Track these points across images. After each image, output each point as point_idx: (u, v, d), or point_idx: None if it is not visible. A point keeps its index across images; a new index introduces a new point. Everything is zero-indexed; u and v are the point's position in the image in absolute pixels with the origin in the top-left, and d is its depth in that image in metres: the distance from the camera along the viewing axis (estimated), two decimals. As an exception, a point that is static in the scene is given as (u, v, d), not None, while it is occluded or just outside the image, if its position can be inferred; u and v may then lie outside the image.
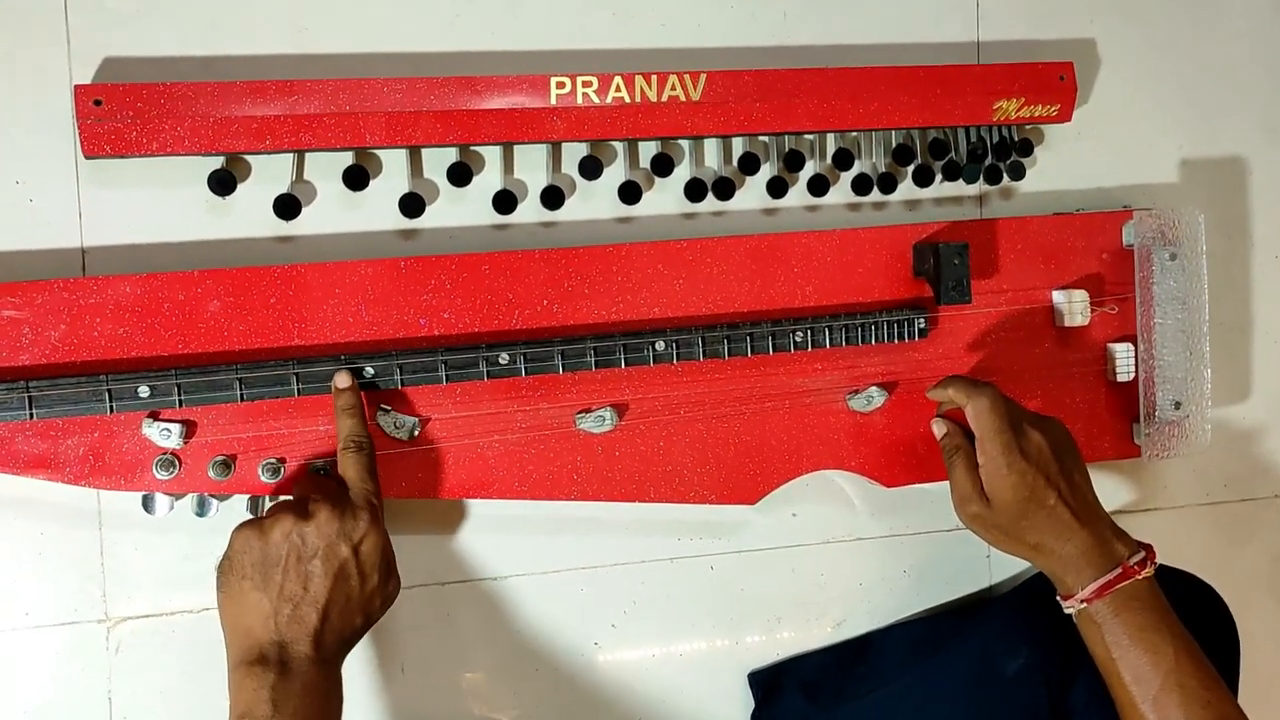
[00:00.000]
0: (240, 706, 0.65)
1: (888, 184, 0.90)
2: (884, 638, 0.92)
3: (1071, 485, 0.78)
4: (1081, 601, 0.75)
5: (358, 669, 0.82)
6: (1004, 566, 0.96)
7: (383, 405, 0.76)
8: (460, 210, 0.82)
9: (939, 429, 0.82)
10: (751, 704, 0.90)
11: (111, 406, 0.70)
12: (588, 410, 0.80)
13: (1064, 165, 0.96)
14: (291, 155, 0.78)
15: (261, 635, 0.66)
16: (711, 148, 0.87)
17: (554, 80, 0.79)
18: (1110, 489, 0.98)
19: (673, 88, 0.82)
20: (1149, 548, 0.77)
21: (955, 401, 0.80)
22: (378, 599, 0.70)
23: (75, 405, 0.69)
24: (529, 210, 0.83)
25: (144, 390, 0.70)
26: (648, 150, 0.85)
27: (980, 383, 0.80)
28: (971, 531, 0.80)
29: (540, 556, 0.85)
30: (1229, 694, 0.73)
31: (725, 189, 0.86)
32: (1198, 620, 0.76)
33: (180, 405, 0.71)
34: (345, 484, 0.71)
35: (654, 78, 0.81)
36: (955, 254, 0.84)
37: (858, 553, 0.93)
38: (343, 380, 0.73)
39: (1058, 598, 0.78)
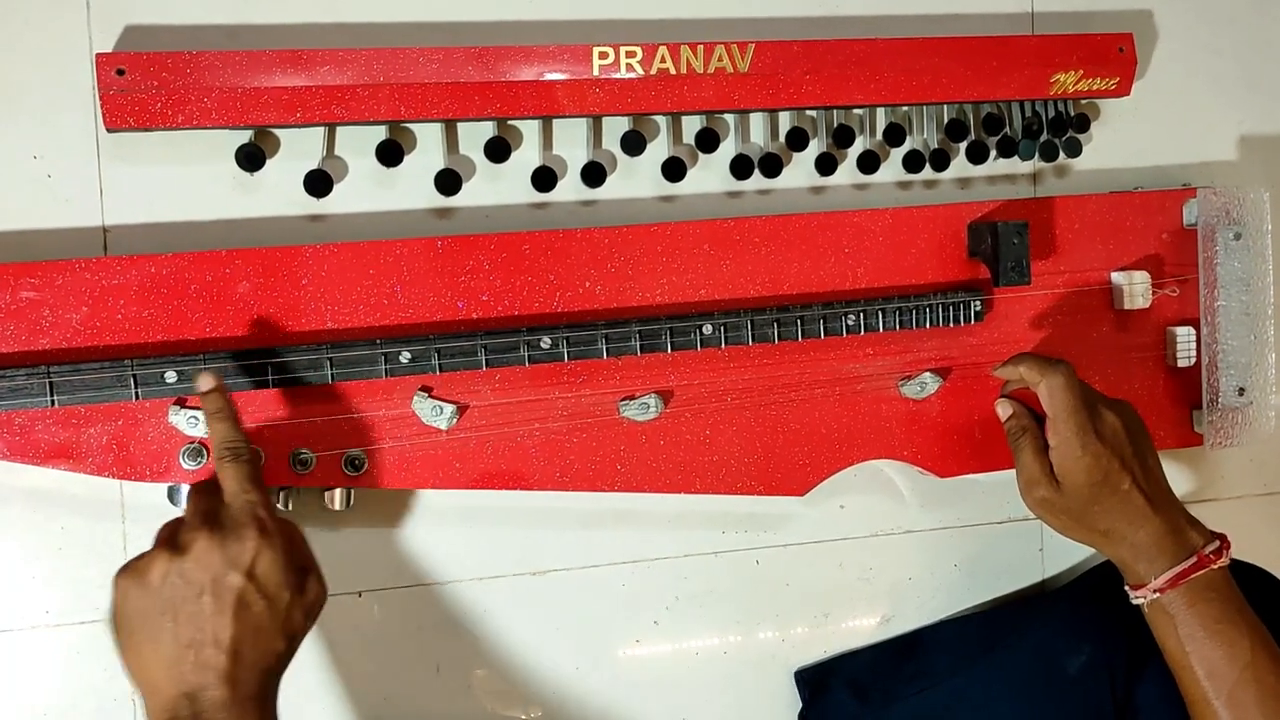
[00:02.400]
0: None
1: (940, 161, 0.86)
2: (935, 635, 0.88)
3: (1145, 470, 0.75)
4: (1154, 591, 0.72)
5: (392, 669, 0.79)
6: (1057, 560, 0.93)
7: (422, 388, 0.72)
8: (497, 188, 0.79)
9: (1004, 409, 0.79)
10: (798, 702, 0.87)
11: (137, 393, 0.66)
12: (631, 397, 0.76)
13: (1119, 142, 0.92)
14: (322, 129, 0.75)
15: (168, 690, 0.58)
16: (758, 123, 0.83)
17: (596, 51, 0.76)
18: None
19: (720, 59, 0.78)
20: (1223, 537, 0.74)
21: (1026, 380, 0.77)
22: (297, 614, 0.62)
23: (99, 391, 0.66)
24: (568, 188, 0.80)
25: (171, 375, 0.67)
26: (691, 125, 0.81)
27: (1054, 360, 0.76)
28: (1038, 517, 0.77)
29: (581, 550, 0.82)
30: None
31: (772, 166, 0.82)
32: (1265, 614, 0.73)
33: (209, 391, 0.67)
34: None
35: (700, 48, 0.77)
36: (1014, 233, 0.80)
37: (907, 546, 0.89)
38: (205, 382, 0.64)
39: (1126, 588, 0.74)
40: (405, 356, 0.70)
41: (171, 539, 0.61)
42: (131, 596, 0.59)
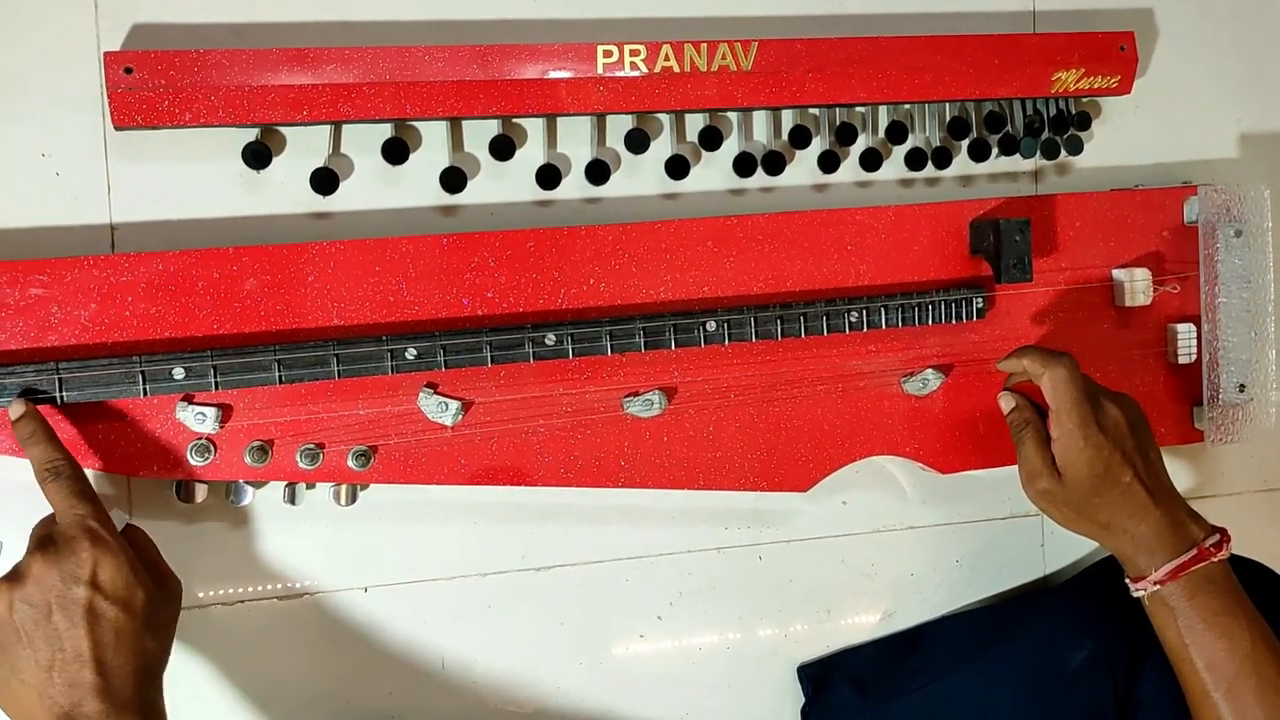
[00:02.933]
0: None
1: (942, 158, 0.86)
2: (937, 630, 0.89)
3: (1147, 463, 0.75)
4: (1155, 584, 0.72)
5: (396, 663, 0.79)
6: (1058, 556, 0.93)
7: (428, 384, 0.73)
8: (502, 186, 0.79)
9: (1007, 402, 0.79)
10: (801, 697, 0.87)
11: (145, 389, 0.67)
12: (635, 394, 0.77)
13: (1120, 139, 0.93)
14: (328, 127, 0.75)
15: (44, 716, 0.59)
16: (761, 121, 0.84)
17: (600, 49, 0.76)
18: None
19: (723, 57, 0.78)
20: (1223, 530, 0.74)
21: (1029, 373, 0.77)
22: (160, 610, 0.63)
23: (107, 388, 0.66)
24: (573, 186, 0.80)
25: (179, 372, 0.67)
26: (695, 123, 0.82)
27: (1057, 353, 0.76)
28: (1040, 509, 0.78)
29: (585, 546, 0.83)
30: None
31: (775, 163, 0.83)
32: (1265, 609, 0.73)
33: (216, 388, 0.68)
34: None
35: (704, 47, 0.78)
36: (1017, 230, 0.80)
37: (909, 542, 0.90)
38: (15, 410, 0.64)
39: (1127, 580, 0.75)
40: (411, 353, 0.71)
41: (11, 572, 0.61)
42: None
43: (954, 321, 0.82)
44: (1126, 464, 0.74)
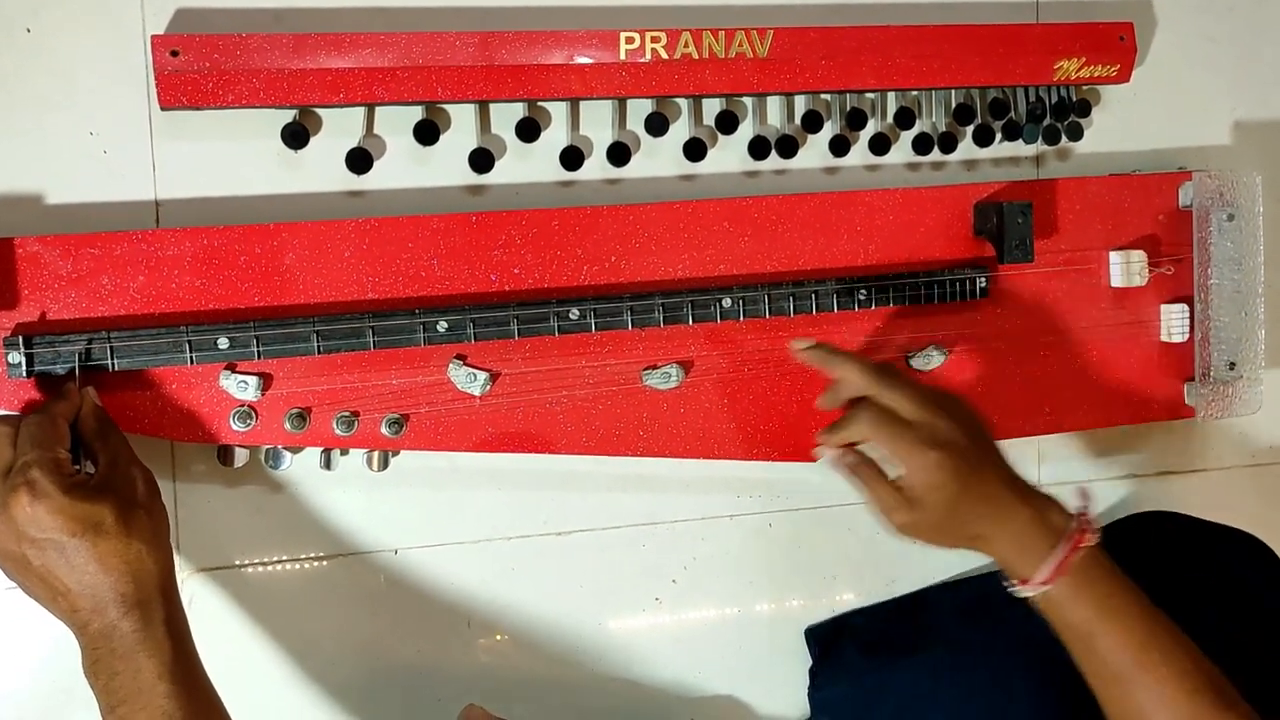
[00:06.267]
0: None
1: (948, 143, 0.90)
2: (939, 595, 0.93)
3: (995, 463, 0.71)
4: (1042, 584, 0.68)
5: (425, 622, 0.83)
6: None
7: (455, 359, 0.76)
8: (527, 166, 0.82)
9: (828, 457, 0.74)
10: (808, 659, 0.91)
11: (191, 358, 0.70)
12: (654, 367, 0.80)
13: (1119, 126, 0.96)
14: (363, 109, 0.78)
15: (78, 636, 0.63)
16: (775, 106, 0.87)
17: (623, 36, 0.79)
18: (1155, 450, 0.99)
19: (740, 44, 0.81)
20: (1082, 510, 0.71)
21: (845, 384, 0.74)
22: (132, 518, 0.64)
23: (155, 356, 0.69)
24: (594, 167, 0.83)
25: (223, 342, 0.70)
26: (712, 108, 0.85)
27: (870, 375, 0.72)
28: (907, 540, 0.72)
29: (604, 512, 0.86)
30: (1190, 640, 0.68)
31: (789, 147, 0.86)
32: (1260, 581, 0.76)
33: (259, 357, 0.71)
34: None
35: (721, 34, 0.81)
36: (1019, 213, 0.84)
37: (912, 511, 0.93)
38: None
39: (1010, 585, 0.70)
40: (442, 326, 0.74)
41: None
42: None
43: (958, 300, 0.85)
44: (974, 471, 0.69)
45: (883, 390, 0.71)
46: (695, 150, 0.84)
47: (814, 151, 0.88)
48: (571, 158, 0.81)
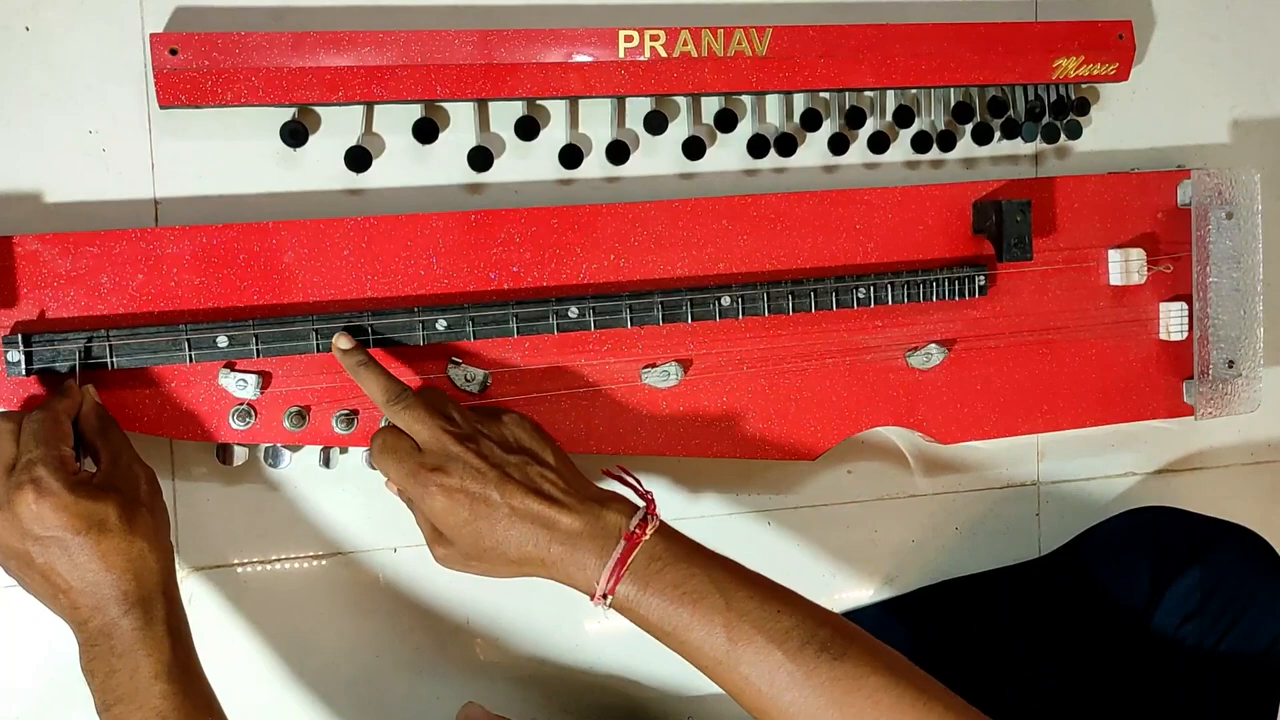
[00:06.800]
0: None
1: (947, 142, 0.90)
2: (939, 594, 0.93)
3: (525, 479, 0.67)
4: (605, 595, 0.64)
5: (424, 620, 0.83)
6: (1051, 524, 0.97)
7: (453, 358, 0.76)
8: (526, 165, 0.82)
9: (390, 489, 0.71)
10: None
11: (191, 356, 0.70)
12: (653, 365, 0.80)
13: (1118, 125, 0.96)
14: (362, 108, 0.78)
15: (77, 633, 0.63)
16: (773, 104, 0.87)
17: (622, 34, 0.79)
18: (1154, 448, 0.99)
19: (739, 42, 0.81)
20: (648, 503, 0.69)
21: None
22: (141, 517, 0.64)
23: (155, 354, 0.69)
24: (594, 165, 0.83)
25: (222, 340, 0.70)
26: (711, 106, 0.85)
27: (393, 397, 0.69)
28: (457, 572, 0.69)
29: (603, 510, 0.86)
30: (792, 593, 0.67)
31: (787, 145, 0.86)
32: (1261, 575, 0.76)
33: (258, 355, 0.71)
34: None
35: (720, 32, 0.81)
36: (1018, 211, 0.84)
37: (910, 510, 0.94)
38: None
39: (590, 601, 0.66)
40: (441, 324, 0.74)
41: None
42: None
43: (957, 298, 0.85)
44: (495, 488, 0.65)
45: (395, 415, 0.68)
46: (694, 149, 0.84)
47: (813, 150, 0.88)
48: (570, 156, 0.82)
